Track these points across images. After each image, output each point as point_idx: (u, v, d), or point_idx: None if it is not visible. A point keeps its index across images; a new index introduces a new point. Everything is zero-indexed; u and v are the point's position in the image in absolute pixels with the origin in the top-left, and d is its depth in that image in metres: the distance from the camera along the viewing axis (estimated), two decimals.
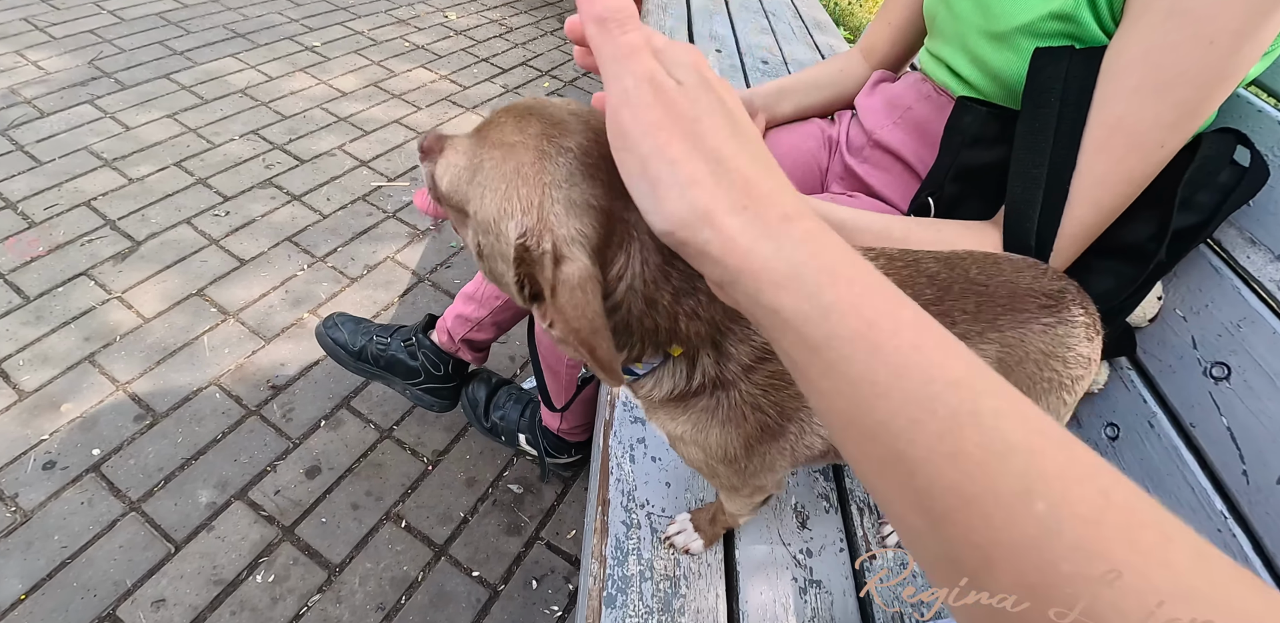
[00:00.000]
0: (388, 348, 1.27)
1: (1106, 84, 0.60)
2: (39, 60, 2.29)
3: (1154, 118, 0.58)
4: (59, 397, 1.35)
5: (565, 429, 1.22)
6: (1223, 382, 0.71)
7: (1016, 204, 0.65)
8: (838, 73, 1.01)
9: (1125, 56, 0.59)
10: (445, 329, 1.24)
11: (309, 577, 1.16)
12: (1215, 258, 0.77)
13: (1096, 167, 0.61)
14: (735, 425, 0.48)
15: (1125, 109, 0.59)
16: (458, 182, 0.39)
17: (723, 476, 0.56)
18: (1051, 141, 0.62)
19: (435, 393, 1.32)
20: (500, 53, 2.91)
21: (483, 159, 0.38)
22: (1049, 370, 0.55)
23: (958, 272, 0.52)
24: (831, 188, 0.94)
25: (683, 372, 0.46)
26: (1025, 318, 0.53)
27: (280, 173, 2.01)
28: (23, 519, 1.17)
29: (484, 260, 0.41)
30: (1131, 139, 0.59)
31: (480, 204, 0.38)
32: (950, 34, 0.79)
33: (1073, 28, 0.64)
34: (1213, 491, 0.69)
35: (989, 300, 0.52)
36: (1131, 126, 0.59)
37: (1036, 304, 0.54)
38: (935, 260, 0.53)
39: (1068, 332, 0.55)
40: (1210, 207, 0.68)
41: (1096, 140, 0.61)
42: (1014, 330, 0.53)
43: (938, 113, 0.80)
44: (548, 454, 1.28)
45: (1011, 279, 0.54)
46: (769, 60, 2.00)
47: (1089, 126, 0.61)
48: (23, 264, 1.60)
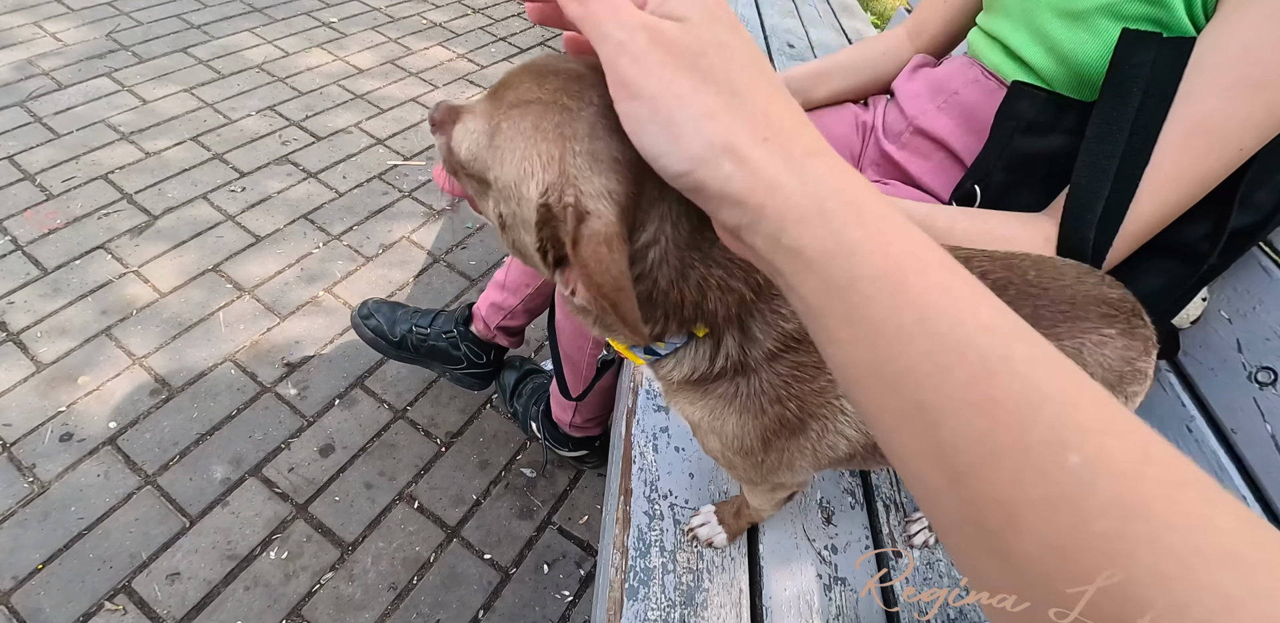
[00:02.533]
0: (428, 338, 1.29)
1: (1197, 78, 0.57)
2: (57, 32, 2.27)
3: (1243, 117, 0.55)
4: (76, 369, 1.35)
5: (577, 423, 1.20)
6: (1268, 387, 0.69)
7: (1081, 195, 0.62)
8: (880, 55, 0.97)
9: (1223, 52, 0.56)
10: (481, 318, 1.26)
11: (322, 555, 1.17)
12: (1265, 259, 0.74)
13: (1172, 164, 0.58)
14: (753, 416, 0.47)
15: (1215, 106, 0.56)
16: (476, 148, 0.37)
17: (739, 468, 0.54)
18: (1128, 134, 0.59)
19: (474, 376, 1.36)
20: (518, 32, 2.86)
21: (500, 120, 0.35)
22: (1106, 385, 0.53)
23: (1015, 272, 0.50)
24: (866, 174, 0.91)
25: (705, 353, 0.44)
26: (1086, 327, 0.51)
27: (297, 150, 1.99)
28: (40, 490, 1.18)
29: (506, 232, 0.39)
30: (1215, 138, 0.57)
31: (500, 168, 0.35)
32: (1015, 10, 0.75)
33: (1160, 12, 0.61)
34: (1253, 498, 0.68)
35: (1048, 305, 0.50)
36: (1219, 125, 0.56)
37: (1098, 313, 0.51)
38: (988, 259, 0.51)
39: (1128, 344, 0.52)
40: (1269, 206, 0.65)
41: (1177, 136, 0.58)
42: (1072, 340, 0.50)
43: (987, 98, 0.76)
44: (550, 447, 1.30)
45: (1072, 285, 0.52)
46: (795, 44, 1.95)
47: (1170, 121, 0.58)
48: (41, 236, 1.59)
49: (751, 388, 0.45)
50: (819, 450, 0.50)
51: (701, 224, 0.36)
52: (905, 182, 0.85)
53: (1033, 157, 0.69)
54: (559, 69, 0.36)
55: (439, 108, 0.41)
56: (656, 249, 0.36)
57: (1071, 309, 0.50)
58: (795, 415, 0.47)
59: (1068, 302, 0.50)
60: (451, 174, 0.41)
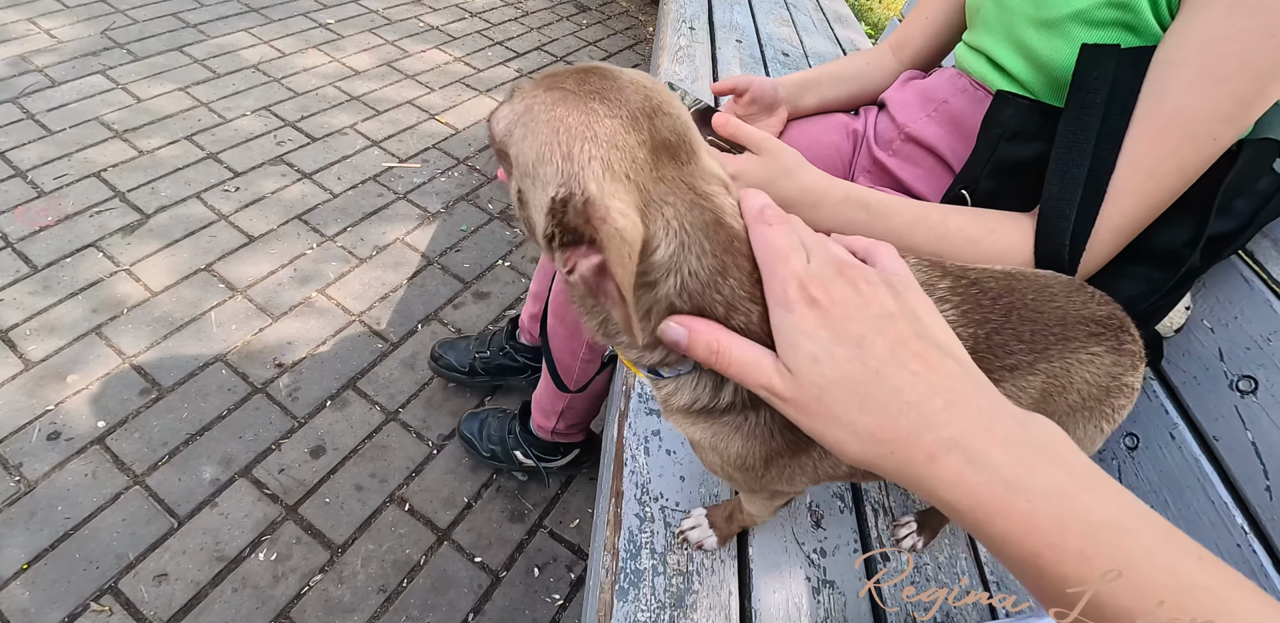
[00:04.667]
0: (491, 359, 1.42)
1: (1163, 74, 0.59)
2: (51, 28, 2.26)
3: (1211, 109, 0.57)
4: (65, 368, 1.34)
5: (560, 429, 1.19)
6: (1249, 395, 0.70)
7: (1052, 203, 0.63)
8: (864, 66, 0.99)
9: (1185, 46, 0.58)
10: (525, 329, 1.37)
11: (311, 557, 1.16)
12: (1247, 269, 0.76)
13: (1148, 158, 0.60)
14: (760, 442, 0.45)
15: (1183, 99, 0.58)
16: (511, 124, 0.38)
17: (739, 480, 0.54)
18: (1094, 142, 0.61)
19: None
20: (516, 36, 2.87)
21: (534, 102, 0.37)
22: (1091, 400, 0.54)
23: (1017, 295, 0.51)
24: (858, 181, 0.92)
25: (708, 386, 0.43)
26: (1074, 346, 0.51)
27: (291, 150, 1.99)
28: (27, 489, 1.17)
29: (523, 208, 0.40)
30: (1187, 130, 0.58)
31: (521, 146, 0.37)
32: (995, 24, 0.77)
33: (1128, 16, 0.63)
34: (1234, 505, 0.69)
35: (1043, 328, 0.50)
36: (1188, 117, 0.58)
37: (1086, 332, 0.52)
38: (994, 280, 0.51)
39: (1116, 360, 0.53)
40: (1248, 213, 0.67)
41: (1150, 130, 0.59)
42: (1061, 360, 0.51)
43: (975, 107, 0.78)
44: (541, 461, 1.28)
45: (1063, 305, 0.52)
46: (790, 52, 1.97)
47: (1141, 117, 0.60)
48: (31, 233, 1.58)
49: (762, 418, 0.44)
50: (820, 468, 0.49)
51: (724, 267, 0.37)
52: (897, 188, 0.87)
53: (1018, 163, 0.71)
54: (606, 74, 0.38)
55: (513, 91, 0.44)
56: (677, 277, 0.36)
57: (1062, 330, 0.51)
58: (804, 440, 0.45)
59: (1059, 323, 0.51)
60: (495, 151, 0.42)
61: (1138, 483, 0.81)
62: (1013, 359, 0.49)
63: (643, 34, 3.18)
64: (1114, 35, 0.65)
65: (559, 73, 0.39)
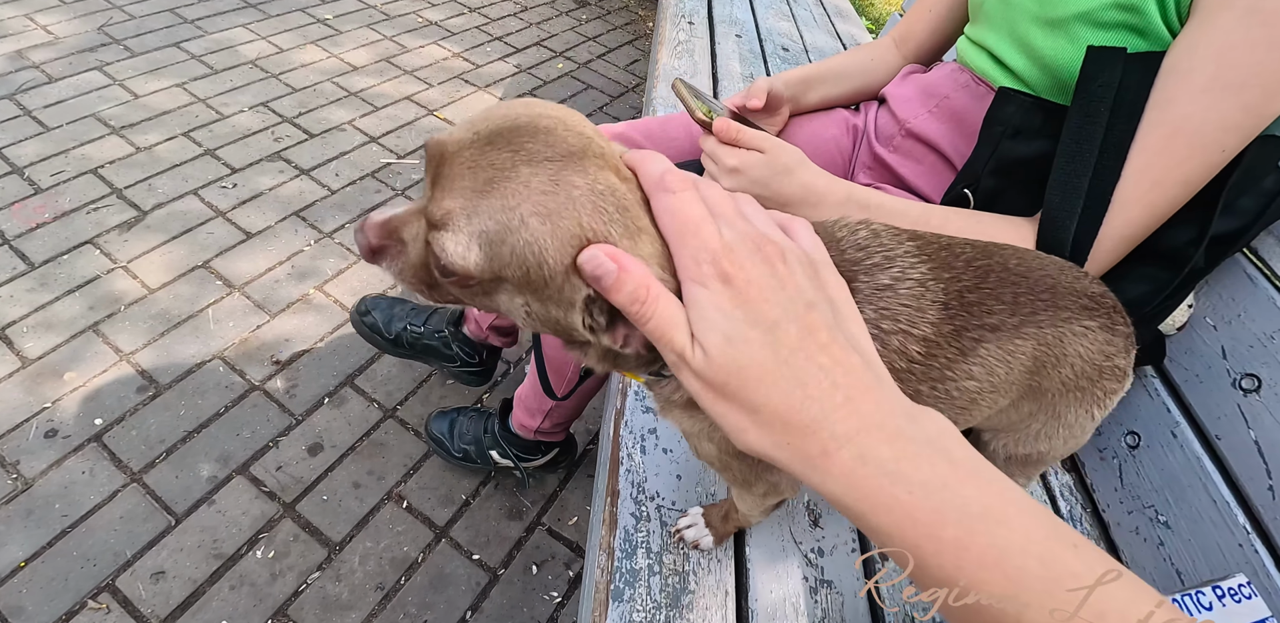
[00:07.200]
0: (422, 337, 1.32)
1: (1172, 83, 0.58)
2: (48, 25, 2.25)
3: (1221, 119, 0.56)
4: (62, 365, 1.34)
5: (546, 428, 1.17)
6: (1252, 394, 0.70)
7: (1054, 213, 0.63)
8: (867, 61, 0.98)
9: (1195, 54, 0.57)
10: (474, 319, 1.28)
11: (309, 554, 1.16)
12: (1251, 267, 0.75)
13: (1154, 168, 0.59)
14: None
15: (1192, 109, 0.57)
16: (493, 247, 0.33)
17: (735, 470, 0.54)
18: (1097, 152, 0.60)
19: (470, 374, 1.37)
20: (514, 32, 2.86)
21: (519, 208, 0.32)
22: (1083, 379, 0.53)
23: (995, 260, 0.50)
24: (858, 178, 0.91)
25: None
26: (1066, 317, 0.50)
27: (289, 146, 1.98)
28: (24, 487, 1.16)
29: (532, 318, 0.37)
30: (1195, 140, 0.57)
31: (537, 258, 0.33)
32: (998, 20, 0.76)
33: (1136, 19, 0.62)
34: (1236, 504, 0.68)
35: (1028, 293, 0.49)
36: (1196, 127, 0.57)
37: (1079, 305, 0.51)
38: (970, 246, 0.51)
39: (1109, 339, 0.53)
40: (1253, 212, 0.66)
41: (1157, 140, 0.58)
42: (1054, 328, 0.50)
43: (976, 103, 0.77)
44: (521, 460, 1.24)
45: (1054, 275, 0.52)
46: (789, 47, 1.96)
47: (1149, 126, 0.59)
48: (28, 230, 1.58)
49: None
50: None
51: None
52: (897, 185, 0.86)
53: (1021, 161, 0.70)
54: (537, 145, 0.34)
55: (366, 231, 0.37)
56: None
57: (1052, 298, 0.50)
58: None
59: (1048, 290, 0.50)
60: (426, 288, 0.38)
61: (1139, 482, 0.80)
62: (994, 319, 0.48)
63: (642, 29, 3.16)
64: (1120, 38, 0.64)
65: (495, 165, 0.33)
